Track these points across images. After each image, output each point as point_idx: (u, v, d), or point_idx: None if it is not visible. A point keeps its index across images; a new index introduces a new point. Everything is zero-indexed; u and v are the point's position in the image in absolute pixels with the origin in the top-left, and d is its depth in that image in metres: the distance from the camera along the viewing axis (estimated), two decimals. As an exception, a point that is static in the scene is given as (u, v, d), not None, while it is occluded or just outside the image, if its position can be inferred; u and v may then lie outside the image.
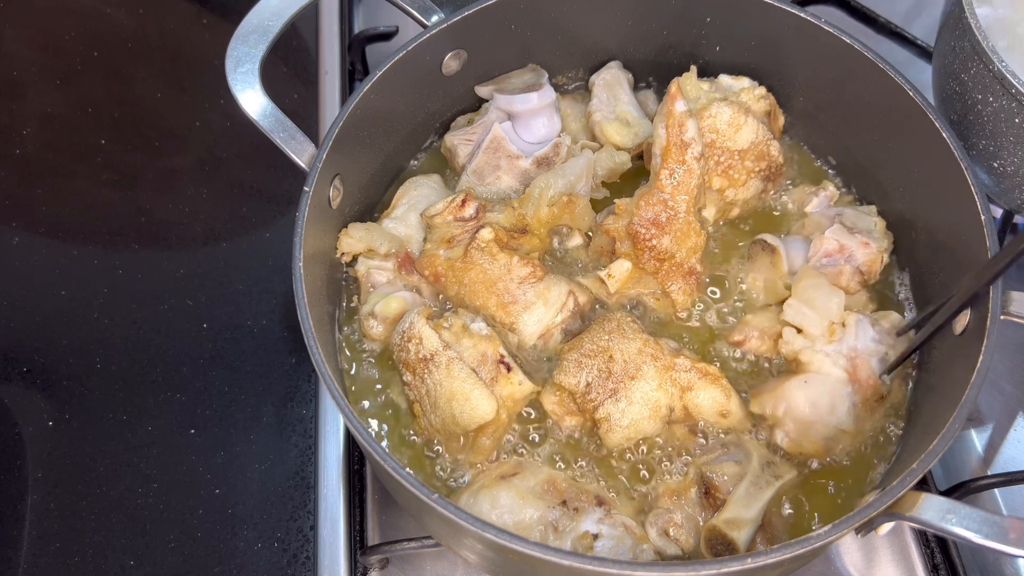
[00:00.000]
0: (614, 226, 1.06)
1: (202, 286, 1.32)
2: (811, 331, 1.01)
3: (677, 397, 0.99)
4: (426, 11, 1.12)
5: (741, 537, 0.92)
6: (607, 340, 1.00)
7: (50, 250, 1.35)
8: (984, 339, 0.88)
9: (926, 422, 0.96)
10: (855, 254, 1.07)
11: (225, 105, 1.48)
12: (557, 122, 1.19)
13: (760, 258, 1.11)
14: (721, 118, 1.09)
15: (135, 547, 1.13)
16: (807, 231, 1.13)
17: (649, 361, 0.99)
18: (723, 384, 1.00)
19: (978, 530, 0.77)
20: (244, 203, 1.43)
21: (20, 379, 1.24)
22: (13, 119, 1.47)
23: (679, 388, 0.99)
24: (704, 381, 0.99)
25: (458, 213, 1.06)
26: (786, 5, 1.12)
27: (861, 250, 1.07)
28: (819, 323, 1.01)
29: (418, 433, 1.02)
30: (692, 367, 0.99)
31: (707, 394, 0.99)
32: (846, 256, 1.07)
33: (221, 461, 1.19)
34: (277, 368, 1.26)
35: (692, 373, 0.99)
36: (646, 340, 1.00)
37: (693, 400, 0.99)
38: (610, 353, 0.99)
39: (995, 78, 1.02)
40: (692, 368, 0.99)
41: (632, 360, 0.98)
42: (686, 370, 0.99)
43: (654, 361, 0.99)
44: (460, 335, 0.99)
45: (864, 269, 1.08)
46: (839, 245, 1.07)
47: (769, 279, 1.10)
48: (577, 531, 0.93)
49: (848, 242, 1.07)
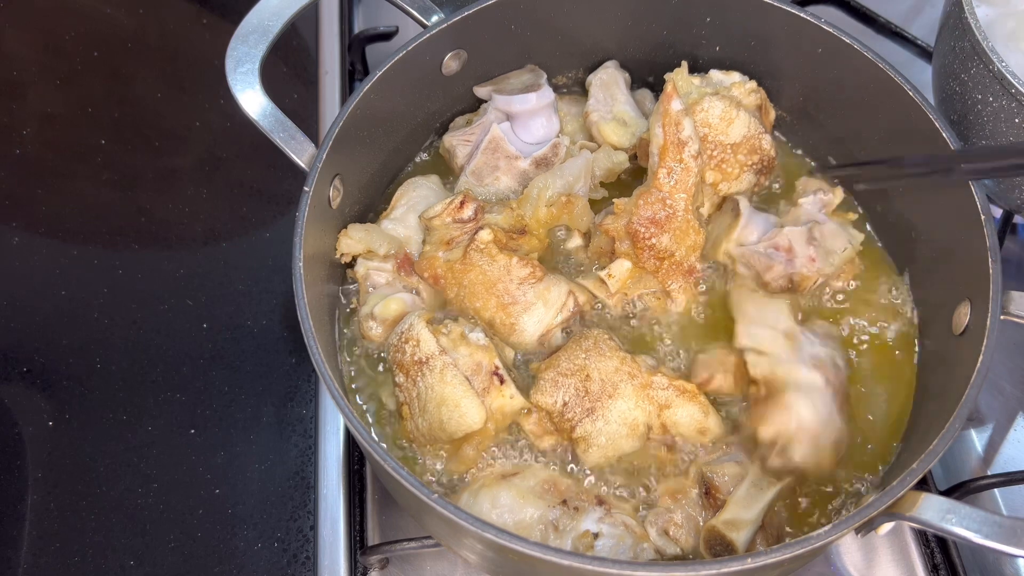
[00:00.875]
0: (613, 226, 1.06)
1: (202, 286, 1.32)
2: (770, 349, 1.01)
3: (655, 415, 0.98)
4: (426, 11, 1.12)
5: (740, 538, 0.91)
6: (584, 358, 0.99)
7: (50, 250, 1.35)
8: (984, 339, 0.88)
9: (926, 422, 0.96)
10: (796, 262, 1.07)
11: (225, 105, 1.48)
12: (556, 122, 1.19)
13: (725, 216, 1.11)
14: (713, 112, 1.09)
15: (135, 547, 1.13)
16: (787, 219, 1.12)
17: (626, 379, 0.98)
18: (700, 401, 0.99)
19: (978, 530, 0.77)
20: (244, 203, 1.43)
21: (20, 379, 1.24)
22: (13, 119, 1.47)
23: (656, 406, 0.98)
24: (682, 399, 0.98)
25: (457, 214, 1.06)
26: (786, 5, 1.12)
27: (804, 263, 1.07)
28: (774, 337, 1.01)
29: (403, 435, 1.01)
30: (669, 385, 0.98)
31: (685, 411, 0.98)
32: (788, 258, 1.07)
33: (221, 461, 1.19)
34: (277, 368, 1.26)
35: (670, 391, 0.98)
36: (623, 358, 0.99)
37: (671, 418, 0.98)
38: (587, 372, 0.98)
39: (995, 78, 1.02)
40: (669, 386, 0.98)
41: (609, 378, 0.98)
42: (663, 388, 0.98)
43: (631, 379, 0.98)
44: (457, 342, 0.99)
45: (796, 279, 1.07)
46: (789, 245, 1.07)
47: (718, 239, 1.10)
48: (577, 530, 0.93)
49: (799, 248, 1.07)
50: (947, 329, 0.99)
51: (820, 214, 1.12)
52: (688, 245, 1.06)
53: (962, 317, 0.96)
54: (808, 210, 1.12)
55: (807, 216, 1.11)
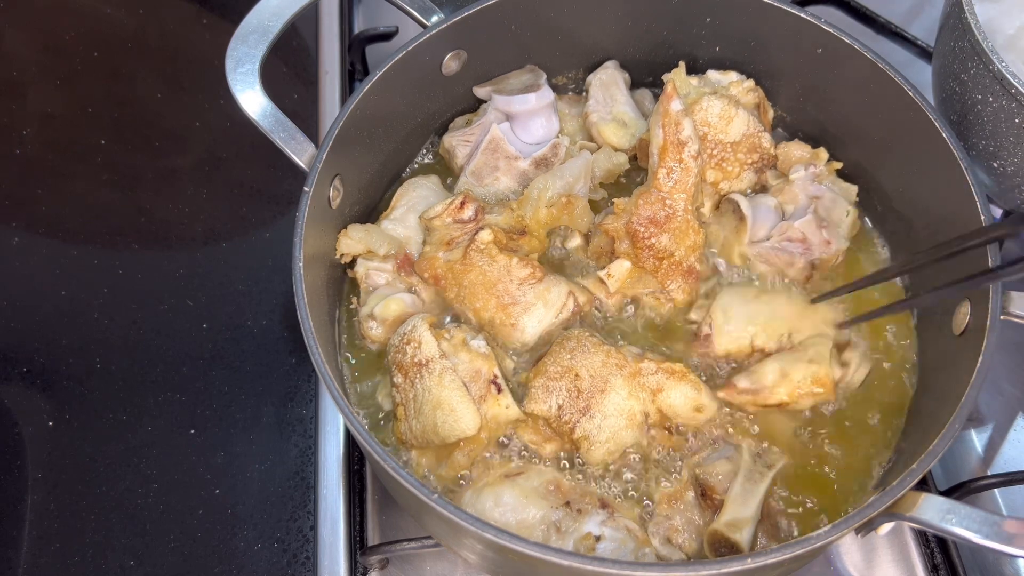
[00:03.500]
0: (613, 225, 1.07)
1: (202, 286, 1.32)
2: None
3: (649, 401, 0.98)
4: (426, 11, 1.12)
5: (743, 538, 0.92)
6: (569, 359, 0.99)
7: (50, 250, 1.35)
8: (984, 339, 0.88)
9: (926, 422, 0.96)
10: (814, 249, 1.08)
11: (225, 105, 1.48)
12: (555, 123, 1.19)
13: (728, 217, 1.11)
14: (712, 111, 1.09)
15: (135, 547, 1.13)
16: (784, 197, 1.12)
17: (615, 371, 0.98)
18: (691, 379, 0.99)
19: (978, 530, 0.77)
20: (244, 203, 1.43)
21: (20, 379, 1.24)
22: (13, 119, 1.47)
23: (649, 392, 0.98)
24: (672, 380, 0.98)
25: (457, 215, 1.06)
26: (786, 5, 1.12)
27: (821, 248, 1.08)
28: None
29: (395, 435, 1.01)
30: (658, 369, 0.98)
31: (678, 392, 0.98)
32: (805, 248, 1.07)
33: (221, 461, 1.19)
34: (277, 368, 1.26)
35: (659, 375, 0.98)
36: (608, 351, 0.99)
37: (665, 401, 0.98)
38: (575, 371, 0.98)
39: (995, 78, 1.02)
40: (658, 370, 0.98)
41: (598, 374, 0.98)
42: (652, 373, 0.98)
43: (620, 370, 0.98)
44: (458, 348, 0.99)
45: (817, 264, 1.08)
46: (803, 236, 1.07)
47: (728, 241, 1.11)
48: (580, 532, 0.93)
49: (813, 237, 1.07)
50: (947, 329, 0.99)
51: (814, 186, 1.11)
52: (688, 245, 1.06)
53: (962, 317, 0.96)
54: (802, 185, 1.11)
55: (802, 190, 1.10)
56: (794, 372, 0.98)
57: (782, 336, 1.02)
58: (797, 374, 0.98)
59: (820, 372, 0.98)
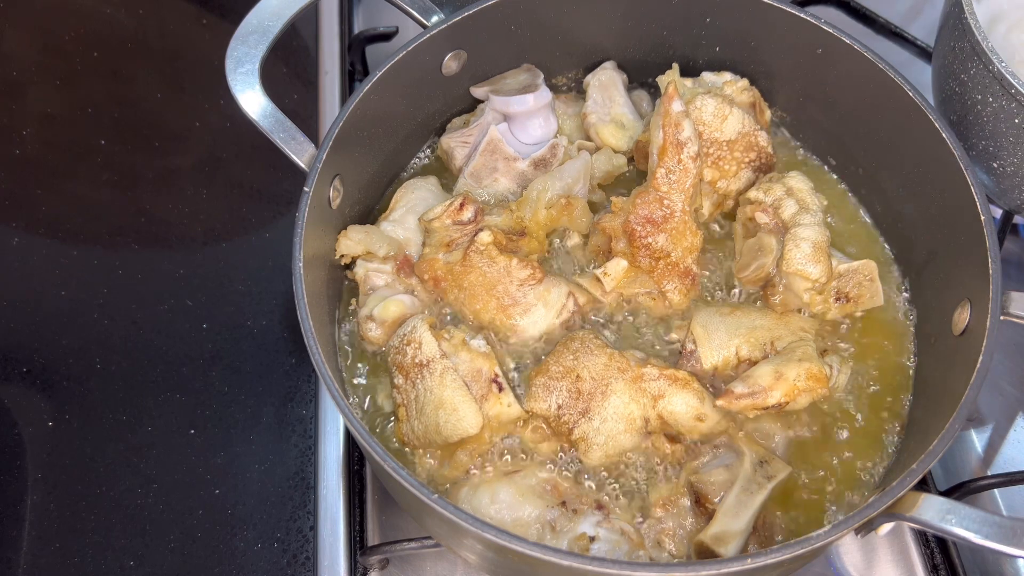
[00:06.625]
0: (610, 224, 1.07)
1: (202, 286, 1.32)
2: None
3: (650, 407, 0.98)
4: (426, 11, 1.12)
5: (728, 552, 0.90)
6: (572, 360, 0.99)
7: (50, 250, 1.35)
8: (984, 339, 0.88)
9: (926, 422, 0.96)
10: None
11: (225, 105, 1.48)
12: (554, 123, 1.19)
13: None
14: (706, 110, 1.09)
15: (135, 547, 1.13)
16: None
17: (617, 375, 0.98)
18: (694, 388, 0.98)
19: (978, 530, 0.77)
20: (244, 203, 1.43)
21: (20, 379, 1.24)
22: (13, 119, 1.47)
23: (651, 398, 0.98)
24: (675, 387, 0.98)
25: (456, 216, 1.05)
26: (785, 5, 1.12)
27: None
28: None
29: (397, 436, 1.01)
30: (660, 375, 0.98)
31: (680, 399, 0.97)
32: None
33: (221, 461, 1.19)
34: (277, 368, 1.26)
35: (661, 381, 0.98)
36: (611, 354, 0.99)
37: (667, 408, 0.98)
38: (576, 372, 0.98)
39: (995, 78, 1.02)
40: (661, 376, 0.98)
41: (600, 376, 0.97)
42: (654, 379, 0.98)
43: (622, 374, 0.98)
44: (459, 348, 0.99)
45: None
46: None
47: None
48: (574, 532, 0.93)
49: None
50: (947, 329, 0.99)
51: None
52: (685, 247, 1.05)
53: (962, 317, 0.96)
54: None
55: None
56: (788, 371, 0.98)
57: (765, 344, 1.02)
58: (791, 372, 0.97)
59: (813, 368, 0.98)
